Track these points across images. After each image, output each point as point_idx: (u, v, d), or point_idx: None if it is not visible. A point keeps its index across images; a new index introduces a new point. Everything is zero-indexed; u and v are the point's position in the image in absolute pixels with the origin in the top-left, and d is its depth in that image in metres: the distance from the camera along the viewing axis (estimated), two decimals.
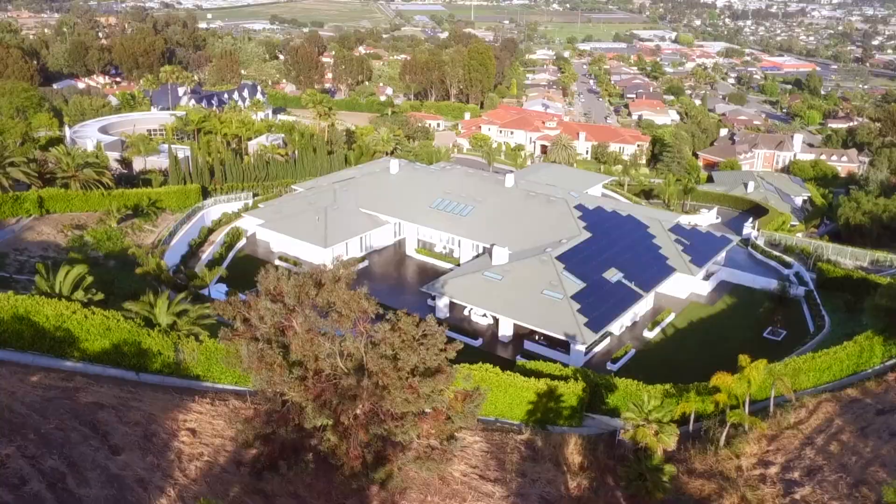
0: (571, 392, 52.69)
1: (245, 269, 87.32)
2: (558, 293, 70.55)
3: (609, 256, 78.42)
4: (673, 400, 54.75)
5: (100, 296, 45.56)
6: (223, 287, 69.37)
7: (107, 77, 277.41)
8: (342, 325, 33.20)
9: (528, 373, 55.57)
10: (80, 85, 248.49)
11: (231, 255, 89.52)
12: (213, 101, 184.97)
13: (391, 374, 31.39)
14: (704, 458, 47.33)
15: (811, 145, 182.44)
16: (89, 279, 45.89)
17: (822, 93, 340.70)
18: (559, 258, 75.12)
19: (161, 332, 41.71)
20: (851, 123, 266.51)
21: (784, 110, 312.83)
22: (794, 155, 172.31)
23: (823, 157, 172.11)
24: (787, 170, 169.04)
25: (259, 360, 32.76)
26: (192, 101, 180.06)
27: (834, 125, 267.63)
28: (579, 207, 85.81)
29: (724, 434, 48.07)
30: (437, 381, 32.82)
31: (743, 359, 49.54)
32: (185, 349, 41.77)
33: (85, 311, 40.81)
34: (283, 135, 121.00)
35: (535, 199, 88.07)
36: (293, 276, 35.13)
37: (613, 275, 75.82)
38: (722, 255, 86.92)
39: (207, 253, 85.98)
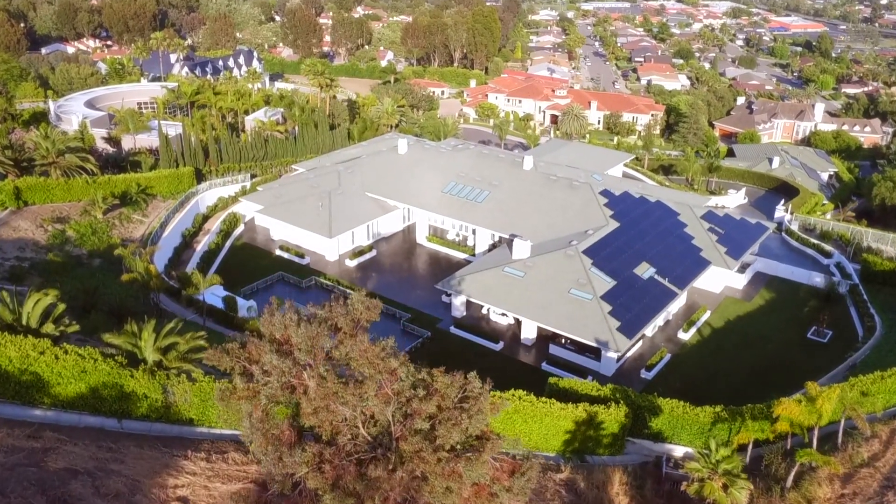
0: (613, 419, 46.87)
1: (243, 259, 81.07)
2: (587, 293, 64.38)
3: (639, 249, 72.07)
4: (725, 425, 49.15)
5: (74, 327, 39.14)
6: (220, 290, 62.99)
7: (97, 41, 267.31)
8: (365, 390, 26.91)
9: (562, 394, 49.67)
10: (70, 49, 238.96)
11: (228, 243, 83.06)
12: (207, 69, 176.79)
13: (429, 458, 25.30)
14: (770, 501, 41.60)
15: (832, 114, 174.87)
16: (61, 307, 39.49)
17: (833, 55, 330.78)
18: (586, 252, 68.79)
19: (147, 371, 35.49)
20: (866, 88, 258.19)
21: (795, 74, 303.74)
22: (815, 125, 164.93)
23: (845, 127, 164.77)
24: (807, 141, 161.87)
25: (264, 434, 26.61)
26: (185, 69, 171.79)
27: (848, 90, 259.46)
28: (605, 193, 79.17)
29: (792, 474, 42.23)
30: (483, 456, 26.76)
31: (812, 386, 43.66)
32: (175, 390, 35.64)
33: (55, 351, 34.50)
34: (281, 109, 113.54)
35: (557, 183, 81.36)
36: (303, 324, 28.73)
37: (645, 270, 69.58)
38: (757, 245, 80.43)
39: (203, 243, 79.46)
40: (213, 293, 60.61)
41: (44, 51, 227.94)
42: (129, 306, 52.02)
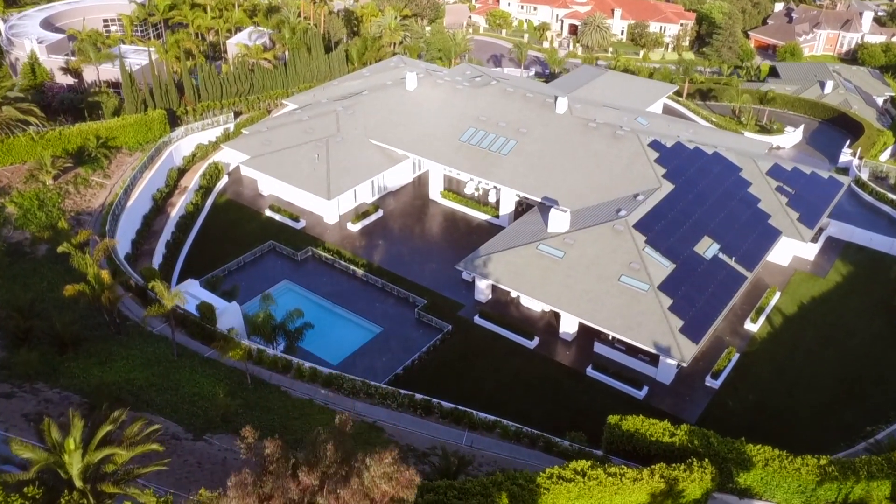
0: (696, 486, 36.53)
1: (227, 224, 69.40)
2: (642, 282, 53.11)
3: (699, 219, 60.27)
4: (834, 485, 38.85)
5: None
6: (196, 287, 51.31)
7: None
8: None
9: (626, 439, 39.27)
10: None
11: (209, 202, 71.05)
12: None
13: None
14: None
15: (879, 23, 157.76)
16: None
17: None
18: (637, 226, 57.05)
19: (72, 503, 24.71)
20: None
21: None
22: (863, 36, 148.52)
23: (895, 39, 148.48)
24: (853, 54, 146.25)
25: None
26: None
27: None
28: (654, 145, 66.46)
29: None
30: None
31: None
32: None
33: None
34: (269, 31, 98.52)
35: (597, 131, 68.51)
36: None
37: (708, 247, 58.06)
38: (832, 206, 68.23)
39: (178, 206, 67.25)
40: (188, 292, 49.04)
41: None
42: (74, 332, 40.75)
